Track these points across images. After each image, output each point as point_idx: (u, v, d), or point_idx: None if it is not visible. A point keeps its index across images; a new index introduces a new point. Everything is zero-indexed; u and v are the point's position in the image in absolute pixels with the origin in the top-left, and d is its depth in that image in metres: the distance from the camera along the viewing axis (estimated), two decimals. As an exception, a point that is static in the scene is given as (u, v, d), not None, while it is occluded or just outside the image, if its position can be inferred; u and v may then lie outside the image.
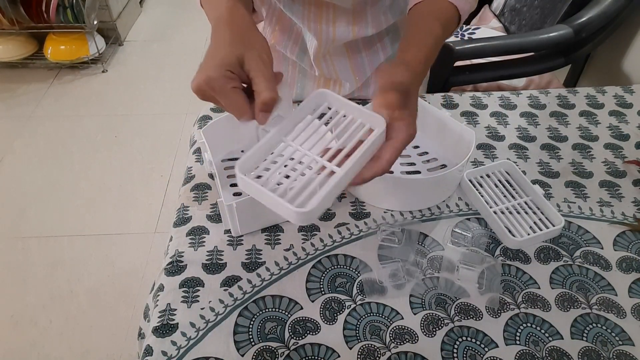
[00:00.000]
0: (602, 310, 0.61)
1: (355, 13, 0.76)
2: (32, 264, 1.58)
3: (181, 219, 0.72)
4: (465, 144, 0.74)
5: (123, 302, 1.46)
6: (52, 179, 1.87)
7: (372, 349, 0.57)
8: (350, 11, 0.75)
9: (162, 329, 0.58)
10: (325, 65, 0.85)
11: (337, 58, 0.84)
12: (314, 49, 0.80)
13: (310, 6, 0.75)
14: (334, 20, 0.76)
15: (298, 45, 0.83)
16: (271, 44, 0.85)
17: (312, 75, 0.88)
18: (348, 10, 0.75)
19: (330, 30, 0.77)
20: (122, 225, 1.70)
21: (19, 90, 2.35)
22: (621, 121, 0.91)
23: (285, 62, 0.88)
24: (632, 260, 0.67)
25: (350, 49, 0.84)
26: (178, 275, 0.64)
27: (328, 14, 0.75)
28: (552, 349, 0.57)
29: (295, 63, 0.87)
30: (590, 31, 1.26)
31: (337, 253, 0.67)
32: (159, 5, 3.07)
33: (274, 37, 0.84)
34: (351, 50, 0.84)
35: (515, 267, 0.66)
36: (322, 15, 0.76)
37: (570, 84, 1.59)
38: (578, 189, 0.77)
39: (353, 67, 0.86)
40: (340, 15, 0.76)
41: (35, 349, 1.36)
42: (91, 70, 2.47)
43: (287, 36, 0.83)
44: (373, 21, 0.78)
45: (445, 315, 0.60)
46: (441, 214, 0.73)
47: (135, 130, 2.11)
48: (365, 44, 0.84)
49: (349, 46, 0.83)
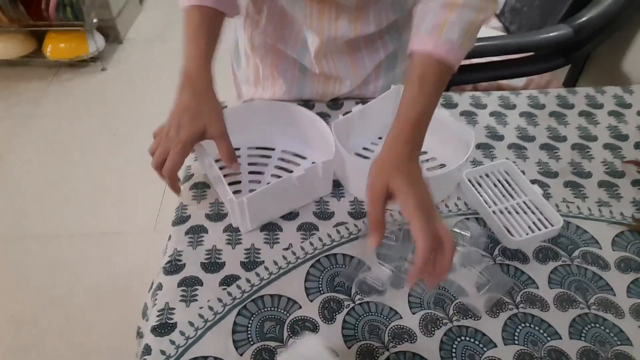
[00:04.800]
0: (601, 310, 0.61)
1: (357, 11, 0.76)
2: (32, 264, 1.58)
3: (180, 218, 0.72)
4: (464, 144, 0.74)
5: (123, 301, 1.46)
6: (52, 178, 1.87)
7: (371, 349, 0.57)
8: (353, 9, 0.75)
9: (161, 328, 0.58)
10: (326, 63, 0.85)
11: (338, 56, 0.84)
12: (315, 47, 0.80)
13: (313, 3, 0.75)
14: (336, 18, 0.76)
15: (299, 42, 0.83)
16: (272, 41, 0.85)
17: (312, 73, 0.88)
18: (350, 8, 0.75)
19: (332, 28, 0.77)
20: (121, 225, 1.70)
21: (18, 88, 2.34)
22: (620, 121, 0.91)
23: (285, 60, 0.88)
24: (630, 260, 0.67)
25: (350, 46, 0.84)
26: (177, 274, 0.64)
27: (330, 12, 0.75)
28: (550, 349, 0.57)
29: (296, 61, 0.87)
30: (590, 31, 1.26)
31: (336, 252, 0.67)
32: (159, 3, 3.07)
33: (275, 34, 0.83)
34: (352, 48, 0.84)
35: (514, 267, 0.66)
36: (325, 12, 0.75)
37: (570, 84, 1.59)
38: (577, 189, 0.77)
39: (353, 65, 0.86)
40: (342, 13, 0.76)
41: (35, 349, 1.36)
42: (91, 69, 2.46)
43: (288, 33, 0.83)
44: (375, 19, 0.78)
45: (443, 315, 0.60)
46: (440, 214, 0.73)
47: (134, 128, 2.11)
48: (366, 41, 0.84)
49: (349, 44, 0.83)
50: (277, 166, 0.79)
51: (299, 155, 0.81)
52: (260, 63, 0.90)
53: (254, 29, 0.85)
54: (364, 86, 0.92)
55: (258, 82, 0.93)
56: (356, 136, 0.81)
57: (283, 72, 0.89)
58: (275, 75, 0.90)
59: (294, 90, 0.91)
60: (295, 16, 0.78)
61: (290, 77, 0.90)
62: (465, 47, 0.59)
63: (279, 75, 0.90)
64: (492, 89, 1.37)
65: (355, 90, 0.92)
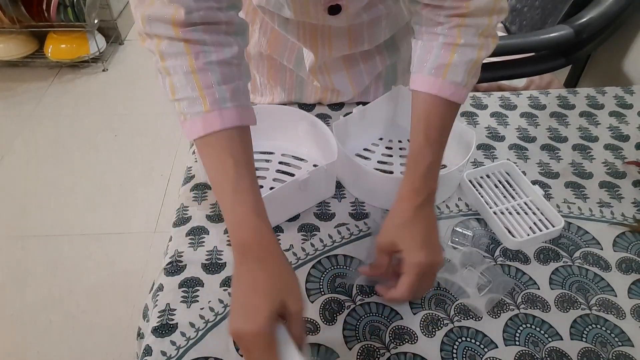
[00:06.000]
0: (602, 311, 0.61)
1: (351, 31, 0.75)
2: (32, 264, 1.58)
3: (181, 219, 0.72)
4: (465, 145, 0.74)
5: (123, 301, 1.46)
6: (52, 178, 1.87)
7: (372, 349, 0.57)
8: (346, 29, 0.75)
9: (162, 329, 0.58)
10: (322, 77, 0.84)
11: (334, 70, 0.84)
12: (310, 62, 0.79)
13: (305, 24, 0.74)
14: (330, 38, 0.75)
15: (294, 55, 0.82)
16: (267, 53, 0.83)
17: (310, 83, 0.88)
18: (343, 28, 0.74)
19: (325, 46, 0.76)
20: (122, 225, 1.70)
21: (20, 89, 2.35)
22: (621, 122, 0.91)
23: (282, 70, 0.87)
24: (631, 261, 0.67)
25: (347, 61, 0.83)
26: (177, 275, 0.64)
27: (324, 32, 0.75)
28: (551, 349, 0.57)
29: (292, 71, 0.86)
30: (591, 32, 1.26)
31: (336, 253, 0.67)
32: (160, 4, 3.07)
33: (270, 46, 0.82)
34: (349, 63, 0.84)
35: (515, 268, 0.66)
36: (317, 33, 0.75)
37: (571, 84, 1.59)
38: (578, 189, 0.77)
39: (351, 78, 0.86)
40: (335, 34, 0.75)
41: (35, 349, 1.36)
42: (92, 69, 2.46)
43: (283, 46, 0.82)
44: (369, 37, 0.77)
45: (444, 316, 0.60)
46: (441, 214, 0.73)
47: (135, 129, 2.11)
48: (364, 56, 0.83)
49: (346, 59, 0.83)
50: (279, 170, 0.79)
51: (299, 157, 0.81)
52: (256, 73, 0.89)
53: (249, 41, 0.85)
54: (365, 94, 0.91)
55: (255, 89, 0.93)
56: (357, 137, 0.81)
57: (280, 81, 0.89)
58: (272, 84, 0.90)
59: (293, 97, 0.91)
60: (288, 36, 0.77)
61: (288, 86, 0.89)
62: (470, 85, 0.59)
63: (276, 84, 0.90)
64: (492, 89, 1.37)
65: (356, 98, 0.91)
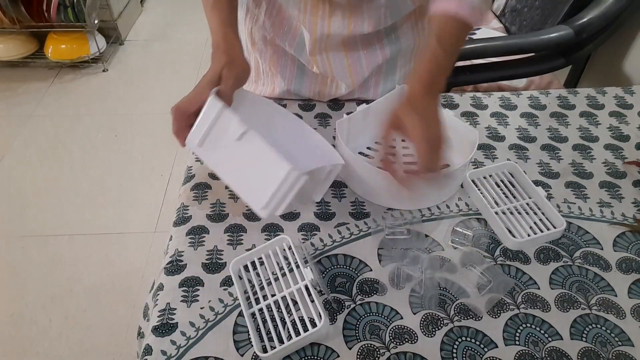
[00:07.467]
0: (602, 311, 0.61)
1: (351, 8, 0.76)
2: (32, 264, 1.58)
3: (181, 219, 0.72)
4: (468, 144, 0.74)
5: (123, 301, 1.46)
6: (52, 178, 1.87)
7: (372, 349, 0.57)
8: (346, 6, 0.76)
9: (162, 329, 0.58)
10: (321, 61, 0.84)
11: (334, 55, 0.84)
12: (310, 43, 0.80)
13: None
14: (330, 14, 0.76)
15: (296, 39, 0.84)
16: (270, 37, 0.85)
17: (310, 72, 0.88)
18: (344, 5, 0.75)
19: (325, 24, 0.77)
20: (122, 225, 1.70)
21: (20, 89, 2.35)
22: (621, 122, 0.91)
23: (283, 56, 0.89)
24: (632, 261, 0.67)
25: (347, 46, 0.84)
26: (178, 275, 0.64)
27: (324, 7, 0.76)
28: (551, 349, 0.57)
29: (294, 58, 0.87)
30: (591, 32, 1.26)
31: (337, 253, 0.67)
32: (160, 4, 3.07)
33: (273, 30, 0.84)
34: (349, 48, 0.84)
35: (515, 268, 0.66)
36: (319, 8, 0.76)
37: (571, 84, 1.59)
38: (578, 189, 0.77)
39: (350, 66, 0.86)
40: (335, 10, 0.76)
41: (35, 348, 1.36)
42: (92, 70, 2.47)
43: (286, 29, 0.83)
44: (369, 18, 0.78)
45: (444, 315, 0.60)
46: (442, 214, 0.73)
47: (135, 129, 2.11)
48: (364, 42, 0.84)
49: (346, 43, 0.83)
50: None
51: None
52: (259, 58, 0.91)
53: (253, 25, 0.86)
54: (364, 91, 0.92)
55: (258, 78, 0.94)
56: (360, 135, 0.81)
57: (281, 68, 0.90)
58: (273, 71, 0.91)
59: (292, 88, 0.91)
60: (289, 10, 0.79)
61: (289, 74, 0.90)
62: (484, 11, 0.63)
63: (277, 72, 0.91)
64: (492, 89, 1.37)
65: (356, 93, 0.92)
